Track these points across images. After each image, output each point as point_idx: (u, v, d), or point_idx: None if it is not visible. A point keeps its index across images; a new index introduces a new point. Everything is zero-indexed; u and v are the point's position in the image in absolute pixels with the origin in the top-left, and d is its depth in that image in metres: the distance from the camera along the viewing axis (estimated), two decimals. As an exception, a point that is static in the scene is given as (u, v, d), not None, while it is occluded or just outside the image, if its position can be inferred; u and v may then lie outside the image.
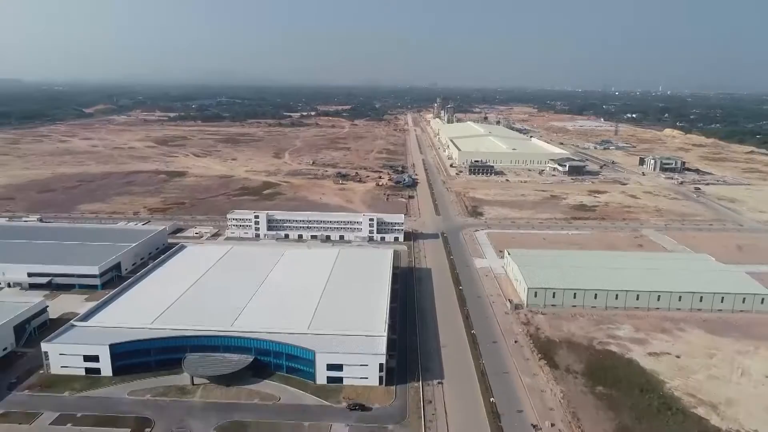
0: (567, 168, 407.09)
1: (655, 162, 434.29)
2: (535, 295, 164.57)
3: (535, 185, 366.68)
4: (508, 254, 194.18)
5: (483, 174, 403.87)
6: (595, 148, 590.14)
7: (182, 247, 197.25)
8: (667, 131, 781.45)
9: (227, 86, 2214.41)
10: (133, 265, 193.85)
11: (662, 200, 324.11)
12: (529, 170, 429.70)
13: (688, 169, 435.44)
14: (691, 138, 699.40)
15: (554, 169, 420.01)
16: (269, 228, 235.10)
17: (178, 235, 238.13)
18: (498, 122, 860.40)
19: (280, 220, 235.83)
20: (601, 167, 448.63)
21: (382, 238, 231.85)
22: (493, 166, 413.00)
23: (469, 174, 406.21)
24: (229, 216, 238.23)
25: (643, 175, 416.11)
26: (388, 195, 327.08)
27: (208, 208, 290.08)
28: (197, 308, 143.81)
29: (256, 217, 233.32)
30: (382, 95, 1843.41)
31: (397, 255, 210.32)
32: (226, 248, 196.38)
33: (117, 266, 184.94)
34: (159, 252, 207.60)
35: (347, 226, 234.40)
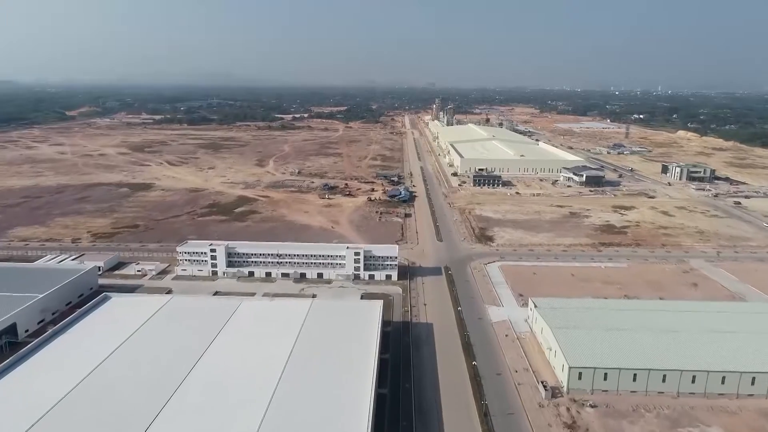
0: (584, 178, 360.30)
1: (681, 170, 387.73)
2: (580, 377, 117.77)
3: (549, 199, 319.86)
4: (534, 306, 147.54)
5: (489, 185, 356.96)
6: (608, 152, 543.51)
7: (106, 298, 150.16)
8: (681, 133, 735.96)
9: (225, 87, 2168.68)
10: (39, 323, 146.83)
11: (700, 218, 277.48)
12: (541, 180, 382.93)
13: (718, 178, 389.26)
14: (708, 141, 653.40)
15: (569, 178, 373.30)
16: (230, 264, 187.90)
17: (116, 272, 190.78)
18: (501, 124, 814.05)
19: (244, 254, 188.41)
20: (619, 176, 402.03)
21: (371, 276, 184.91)
22: (500, 176, 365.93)
23: (474, 185, 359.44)
24: (179, 249, 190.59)
25: (669, 185, 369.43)
26: (380, 213, 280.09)
27: (164, 232, 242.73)
28: (85, 417, 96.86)
29: (213, 250, 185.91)
30: (380, 96, 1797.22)
31: (388, 303, 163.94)
32: (162, 300, 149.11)
33: (11, 329, 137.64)
34: (83, 300, 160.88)
35: (327, 261, 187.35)
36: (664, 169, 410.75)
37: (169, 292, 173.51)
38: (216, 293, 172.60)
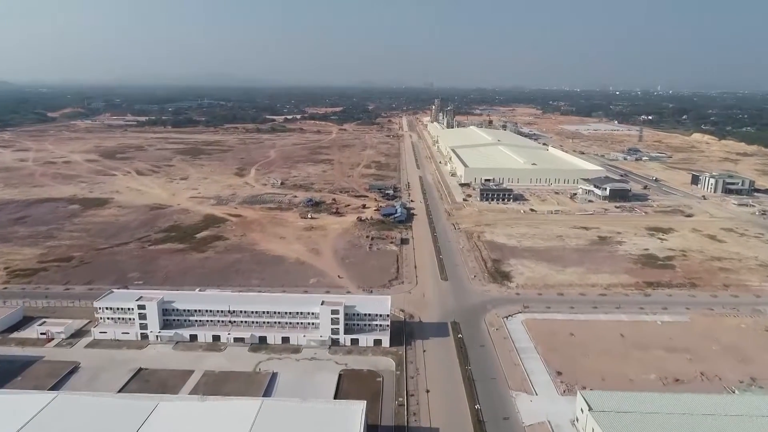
0: (608, 191, 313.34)
1: (716, 181, 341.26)
2: None
3: (571, 218, 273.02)
4: (588, 406, 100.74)
5: (498, 200, 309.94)
6: (625, 158, 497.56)
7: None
8: (697, 136, 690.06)
9: (225, 88, 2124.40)
10: None
11: (757, 245, 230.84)
12: (556, 193, 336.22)
13: (757, 190, 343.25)
14: (729, 145, 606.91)
15: (589, 191, 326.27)
16: (165, 323, 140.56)
17: (15, 334, 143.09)
18: (504, 126, 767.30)
19: (183, 311, 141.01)
20: (644, 187, 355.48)
21: (354, 342, 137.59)
22: (511, 190, 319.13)
23: (481, 199, 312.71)
24: (97, 304, 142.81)
25: (704, 199, 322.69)
26: (372, 239, 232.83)
27: (101, 268, 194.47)
28: None
29: (141, 307, 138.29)
30: (377, 96, 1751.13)
31: (376, 389, 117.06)
32: (41, 401, 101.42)
33: None
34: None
35: (295, 320, 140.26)
36: (695, 180, 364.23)
37: (76, 368, 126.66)
38: (139, 371, 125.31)
